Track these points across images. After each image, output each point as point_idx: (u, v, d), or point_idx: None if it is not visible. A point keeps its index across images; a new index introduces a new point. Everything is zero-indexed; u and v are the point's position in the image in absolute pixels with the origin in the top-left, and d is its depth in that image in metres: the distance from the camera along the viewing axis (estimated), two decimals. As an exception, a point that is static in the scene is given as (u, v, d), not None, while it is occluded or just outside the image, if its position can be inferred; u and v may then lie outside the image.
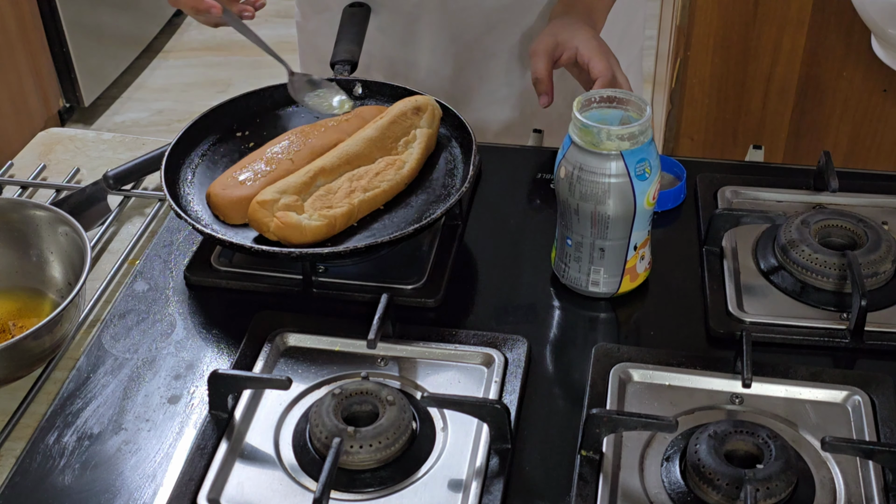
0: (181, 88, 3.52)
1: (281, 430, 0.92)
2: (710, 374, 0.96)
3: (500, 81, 1.45)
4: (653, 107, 1.58)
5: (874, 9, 1.91)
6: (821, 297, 1.05)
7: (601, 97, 1.01)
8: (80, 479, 0.89)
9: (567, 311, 1.07)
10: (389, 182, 1.12)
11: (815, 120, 2.26)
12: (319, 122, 1.21)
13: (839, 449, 0.85)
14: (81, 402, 0.97)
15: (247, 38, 1.23)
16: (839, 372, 0.96)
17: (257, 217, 1.06)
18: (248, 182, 1.11)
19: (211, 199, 1.12)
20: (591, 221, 1.01)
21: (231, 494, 0.87)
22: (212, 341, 1.04)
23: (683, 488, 0.85)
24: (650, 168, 0.99)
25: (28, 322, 1.06)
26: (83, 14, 3.20)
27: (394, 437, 0.87)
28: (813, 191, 1.20)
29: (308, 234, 1.06)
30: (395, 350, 1.00)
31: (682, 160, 1.23)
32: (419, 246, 1.13)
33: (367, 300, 1.06)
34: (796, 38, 2.16)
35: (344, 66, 1.30)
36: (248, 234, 1.09)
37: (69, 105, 3.27)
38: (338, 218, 1.08)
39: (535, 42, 1.26)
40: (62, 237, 1.08)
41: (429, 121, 1.19)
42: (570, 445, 0.90)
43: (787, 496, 0.83)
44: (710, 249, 1.11)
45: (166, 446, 0.92)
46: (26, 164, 1.36)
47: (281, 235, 1.06)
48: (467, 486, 0.86)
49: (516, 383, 0.95)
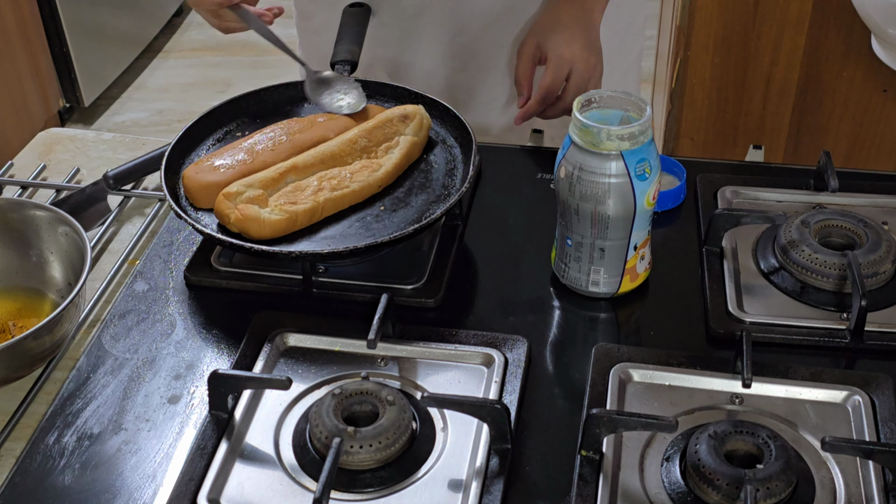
0: (181, 88, 3.52)
1: (281, 430, 0.92)
2: (710, 374, 0.96)
3: (500, 82, 1.45)
4: (653, 107, 1.58)
5: (874, 9, 1.91)
6: (821, 297, 1.05)
7: (601, 97, 1.01)
8: (80, 479, 0.89)
9: (567, 311, 1.07)
10: (360, 183, 1.12)
11: (815, 120, 2.26)
12: (307, 118, 1.21)
13: (839, 449, 0.85)
14: (81, 402, 0.97)
15: (263, 39, 1.23)
16: (839, 372, 0.96)
17: (221, 209, 1.08)
18: (221, 169, 1.12)
19: (183, 181, 1.13)
20: (591, 221, 1.01)
21: (231, 494, 0.87)
22: (212, 341, 1.04)
23: (683, 488, 0.85)
24: (650, 168, 0.99)
25: (28, 322, 1.06)
26: (83, 14, 3.20)
27: (394, 437, 0.87)
28: (813, 191, 1.20)
29: (267, 227, 1.06)
30: (395, 350, 1.00)
31: (682, 160, 1.23)
32: (419, 246, 1.13)
33: (367, 300, 1.06)
34: (796, 38, 2.16)
35: (344, 66, 1.30)
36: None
37: (69, 105, 3.27)
38: (299, 214, 1.08)
39: (521, 43, 1.28)
40: (62, 237, 1.08)
41: (415, 129, 1.19)
42: (570, 445, 0.90)
43: (787, 496, 0.83)
44: (710, 249, 1.11)
45: (166, 446, 0.92)
46: (26, 164, 1.36)
47: (240, 227, 1.06)
48: (467, 486, 0.86)
49: (516, 383, 0.95)
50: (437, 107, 1.24)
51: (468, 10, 1.38)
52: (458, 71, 1.44)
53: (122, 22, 3.47)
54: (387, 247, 1.06)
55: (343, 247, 1.04)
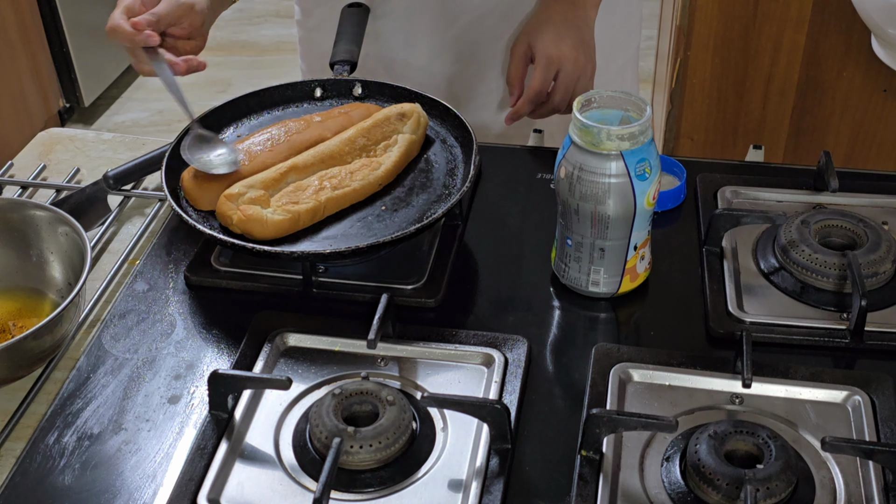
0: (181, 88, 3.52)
1: (281, 430, 0.92)
2: (710, 374, 0.96)
3: (499, 81, 1.45)
4: (653, 107, 1.58)
5: (874, 9, 1.91)
6: (821, 297, 1.05)
7: (601, 97, 1.01)
8: (80, 479, 0.89)
9: (567, 311, 1.07)
10: (361, 182, 1.12)
11: (815, 120, 2.26)
12: (304, 118, 1.21)
13: (839, 449, 0.85)
14: (81, 402, 0.97)
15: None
16: (839, 372, 0.96)
17: (223, 210, 1.08)
18: None
19: (183, 183, 1.13)
20: (591, 221, 1.01)
21: (231, 494, 0.87)
22: (212, 341, 1.04)
23: (683, 488, 0.85)
24: (650, 168, 0.99)
25: (28, 322, 1.06)
26: (83, 14, 3.20)
27: (394, 437, 0.87)
28: (813, 191, 1.20)
29: (270, 227, 1.06)
30: (395, 350, 1.00)
31: (682, 160, 1.23)
32: (419, 246, 1.13)
33: (367, 300, 1.06)
34: (796, 38, 2.16)
35: (343, 66, 1.30)
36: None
37: (69, 105, 3.27)
38: (302, 213, 1.08)
39: (514, 42, 1.28)
40: (62, 237, 1.08)
41: (413, 127, 1.19)
42: (570, 445, 0.90)
43: (787, 496, 0.83)
44: (710, 249, 1.11)
45: (166, 446, 0.92)
46: (26, 164, 1.36)
47: (243, 228, 1.06)
48: (467, 486, 0.86)
49: (516, 383, 0.95)
50: (437, 106, 1.24)
51: (467, 10, 1.38)
52: (459, 71, 1.44)
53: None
54: (387, 246, 1.06)
55: (345, 247, 1.04)
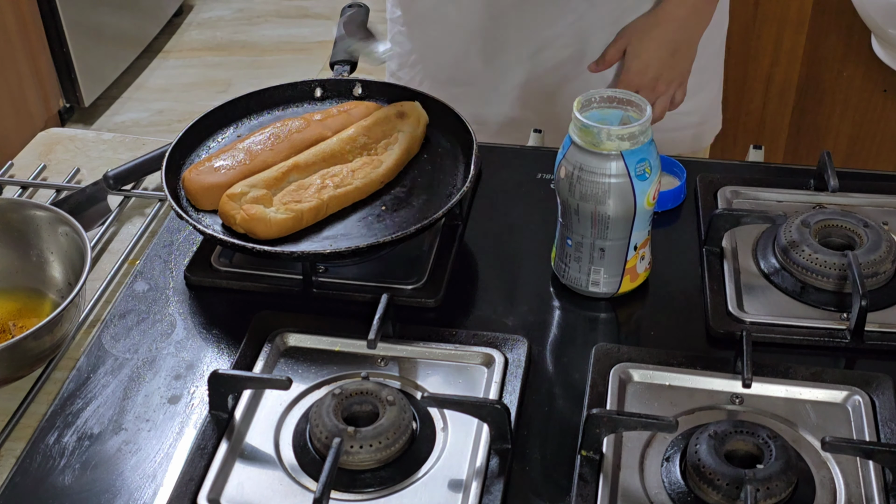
0: (181, 88, 3.52)
1: (281, 430, 0.92)
2: (710, 374, 0.96)
3: (504, 72, 1.43)
4: (653, 107, 1.58)
5: (874, 9, 1.91)
6: (821, 298, 1.05)
7: (601, 97, 1.01)
8: (80, 479, 0.89)
9: (567, 311, 1.07)
10: (363, 180, 1.12)
11: (815, 120, 2.26)
12: (304, 117, 1.21)
13: (839, 449, 0.85)
14: (81, 402, 0.97)
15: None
16: (839, 372, 0.96)
17: (226, 209, 1.07)
18: (222, 170, 1.12)
19: (184, 183, 1.13)
20: (591, 221, 1.01)
21: (231, 494, 0.87)
22: (212, 341, 1.04)
23: (683, 488, 0.85)
24: (650, 168, 0.99)
25: (28, 322, 1.06)
26: (83, 14, 3.20)
27: (394, 437, 0.87)
28: (813, 191, 1.20)
29: (274, 226, 1.06)
30: (395, 350, 1.00)
31: (682, 160, 1.23)
32: (419, 246, 1.13)
33: (367, 300, 1.06)
34: (796, 39, 2.16)
35: (343, 67, 1.30)
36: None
37: (69, 105, 3.27)
38: (305, 212, 1.08)
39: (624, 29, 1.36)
40: (62, 237, 1.08)
41: (412, 125, 1.19)
42: (570, 445, 0.90)
43: (787, 496, 0.83)
44: (710, 249, 1.11)
45: (166, 446, 0.92)
46: (26, 164, 1.36)
47: (247, 228, 1.06)
48: (467, 486, 0.86)
49: (516, 383, 0.95)
50: (437, 106, 1.24)
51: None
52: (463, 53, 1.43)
53: (122, 22, 3.47)
54: (388, 247, 1.06)
55: (345, 247, 1.04)
